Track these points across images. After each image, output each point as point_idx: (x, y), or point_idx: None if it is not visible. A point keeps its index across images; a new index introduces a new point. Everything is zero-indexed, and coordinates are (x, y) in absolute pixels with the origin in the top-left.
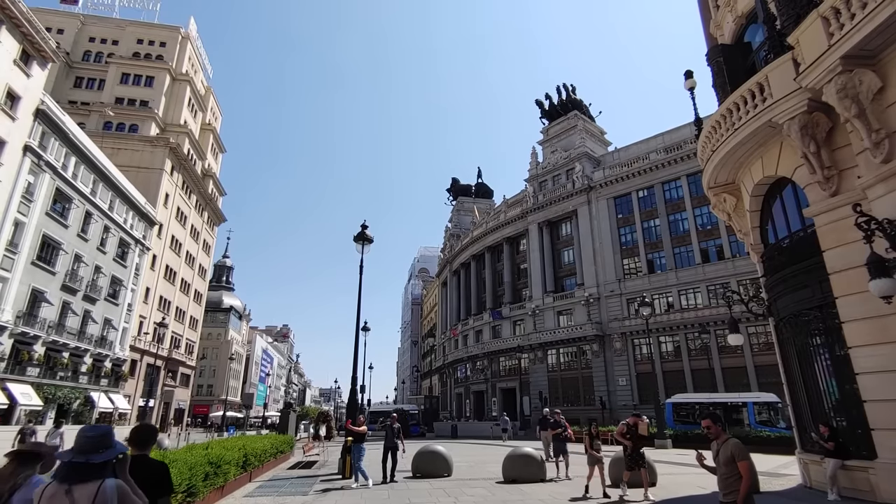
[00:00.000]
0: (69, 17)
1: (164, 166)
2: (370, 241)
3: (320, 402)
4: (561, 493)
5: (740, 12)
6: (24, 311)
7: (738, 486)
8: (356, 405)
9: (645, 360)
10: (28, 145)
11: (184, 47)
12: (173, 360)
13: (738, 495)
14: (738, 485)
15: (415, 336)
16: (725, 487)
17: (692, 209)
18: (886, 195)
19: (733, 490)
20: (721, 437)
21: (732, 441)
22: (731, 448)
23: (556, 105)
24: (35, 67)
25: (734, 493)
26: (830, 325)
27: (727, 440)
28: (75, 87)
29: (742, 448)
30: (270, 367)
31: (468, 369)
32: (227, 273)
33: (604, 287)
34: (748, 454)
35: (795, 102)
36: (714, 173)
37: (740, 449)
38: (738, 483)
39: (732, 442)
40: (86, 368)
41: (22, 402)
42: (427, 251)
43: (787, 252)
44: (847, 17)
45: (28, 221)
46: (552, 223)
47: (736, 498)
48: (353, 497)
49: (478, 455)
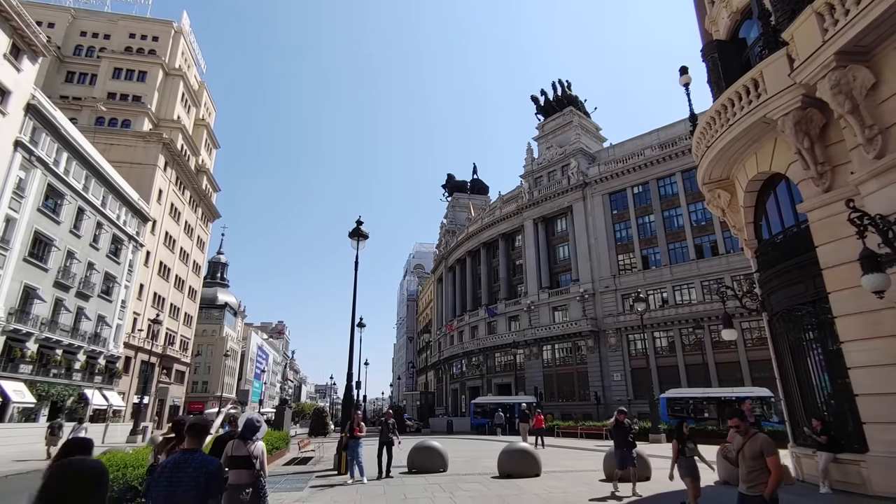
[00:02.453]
0: (60, 11)
1: (158, 162)
2: (365, 237)
3: (316, 398)
4: (556, 488)
5: (735, 8)
6: (16, 307)
7: (763, 479)
8: (352, 402)
9: (639, 356)
10: (19, 140)
11: (177, 42)
12: (168, 357)
13: (767, 489)
14: (763, 478)
15: (410, 332)
16: (750, 480)
17: (687, 205)
18: (879, 191)
19: (759, 483)
20: (749, 432)
21: (762, 436)
22: (761, 443)
23: (552, 101)
24: (25, 62)
25: (760, 486)
26: (823, 320)
27: (755, 434)
28: (67, 81)
29: (771, 444)
30: (266, 364)
31: (464, 365)
32: (222, 269)
33: (599, 283)
34: (777, 450)
35: (789, 98)
36: (709, 169)
37: (770, 444)
38: (763, 476)
39: (762, 437)
40: (79, 365)
41: (14, 399)
42: (422, 247)
43: (780, 248)
44: (841, 13)
45: (19, 217)
46: (547, 219)
47: (762, 491)
48: (348, 493)
49: (473, 450)
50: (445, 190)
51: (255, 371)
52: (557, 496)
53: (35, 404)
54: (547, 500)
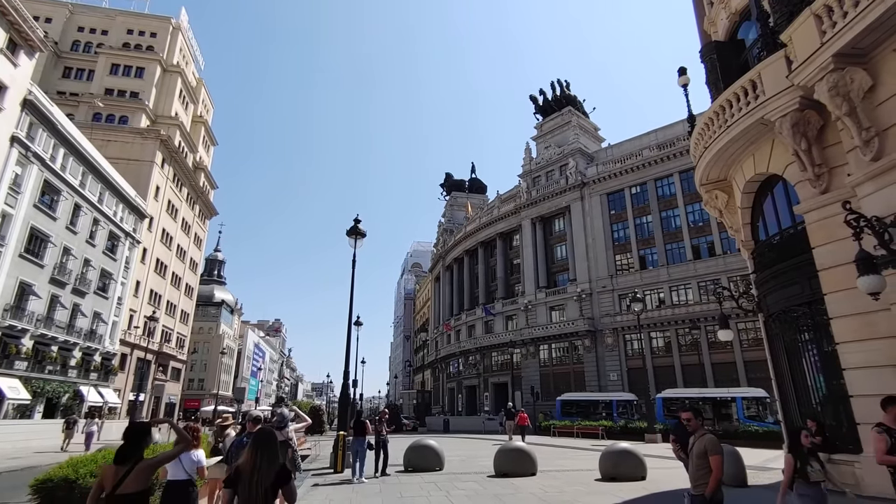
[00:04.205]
0: (57, 6)
1: (155, 159)
2: (363, 235)
3: (312, 396)
4: (552, 487)
5: (734, 9)
6: (11, 304)
7: (708, 478)
8: (348, 401)
9: (636, 356)
10: (15, 136)
11: (175, 38)
12: (164, 355)
13: (707, 488)
14: (708, 478)
15: (407, 331)
16: (696, 479)
17: (684, 206)
18: (875, 193)
19: (702, 483)
20: (699, 430)
21: (708, 436)
22: (705, 442)
23: (550, 101)
24: (22, 57)
25: (703, 486)
26: (819, 322)
27: (703, 434)
28: (64, 77)
29: (716, 443)
30: (262, 362)
31: (460, 364)
32: (219, 267)
33: (596, 283)
34: (721, 449)
35: (787, 100)
36: (706, 170)
37: (714, 444)
38: (708, 476)
39: (707, 437)
40: (75, 362)
41: (9, 395)
42: (420, 246)
43: (777, 249)
44: (839, 16)
45: (15, 213)
46: (545, 219)
47: (704, 490)
48: (344, 491)
49: (469, 449)
50: (443, 189)
51: (252, 369)
52: (553, 495)
53: (30, 401)
54: (543, 498)
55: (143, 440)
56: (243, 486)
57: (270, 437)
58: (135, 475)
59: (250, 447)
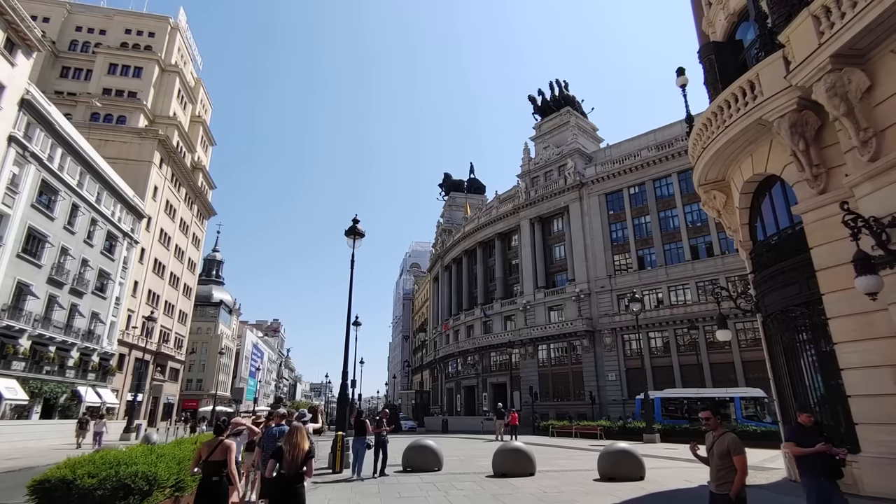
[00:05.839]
0: (55, 5)
1: (153, 159)
2: (361, 235)
3: (311, 396)
4: (550, 487)
5: (732, 10)
6: (8, 304)
7: (730, 478)
8: (347, 401)
9: (634, 356)
10: (13, 136)
11: (173, 38)
12: (162, 355)
13: (732, 488)
14: (730, 477)
15: (406, 331)
16: (718, 479)
17: (682, 206)
18: (873, 193)
19: (726, 482)
20: (718, 429)
21: (730, 435)
22: (728, 442)
23: (549, 101)
24: (20, 56)
25: (727, 485)
26: (817, 322)
27: (724, 433)
28: (62, 77)
29: (739, 443)
30: (261, 362)
31: (459, 364)
32: (217, 267)
33: (594, 283)
34: (744, 449)
35: (785, 100)
36: (704, 170)
37: (737, 443)
38: (730, 475)
39: (730, 436)
40: (73, 362)
41: (7, 396)
42: (419, 246)
43: (775, 249)
44: (837, 16)
45: (13, 213)
46: (544, 219)
47: (728, 490)
48: (343, 491)
49: (468, 449)
50: (442, 189)
51: (250, 369)
52: (552, 495)
53: (28, 401)
54: (541, 499)
55: (224, 428)
56: (286, 459)
57: (302, 427)
58: (219, 450)
59: (290, 432)
